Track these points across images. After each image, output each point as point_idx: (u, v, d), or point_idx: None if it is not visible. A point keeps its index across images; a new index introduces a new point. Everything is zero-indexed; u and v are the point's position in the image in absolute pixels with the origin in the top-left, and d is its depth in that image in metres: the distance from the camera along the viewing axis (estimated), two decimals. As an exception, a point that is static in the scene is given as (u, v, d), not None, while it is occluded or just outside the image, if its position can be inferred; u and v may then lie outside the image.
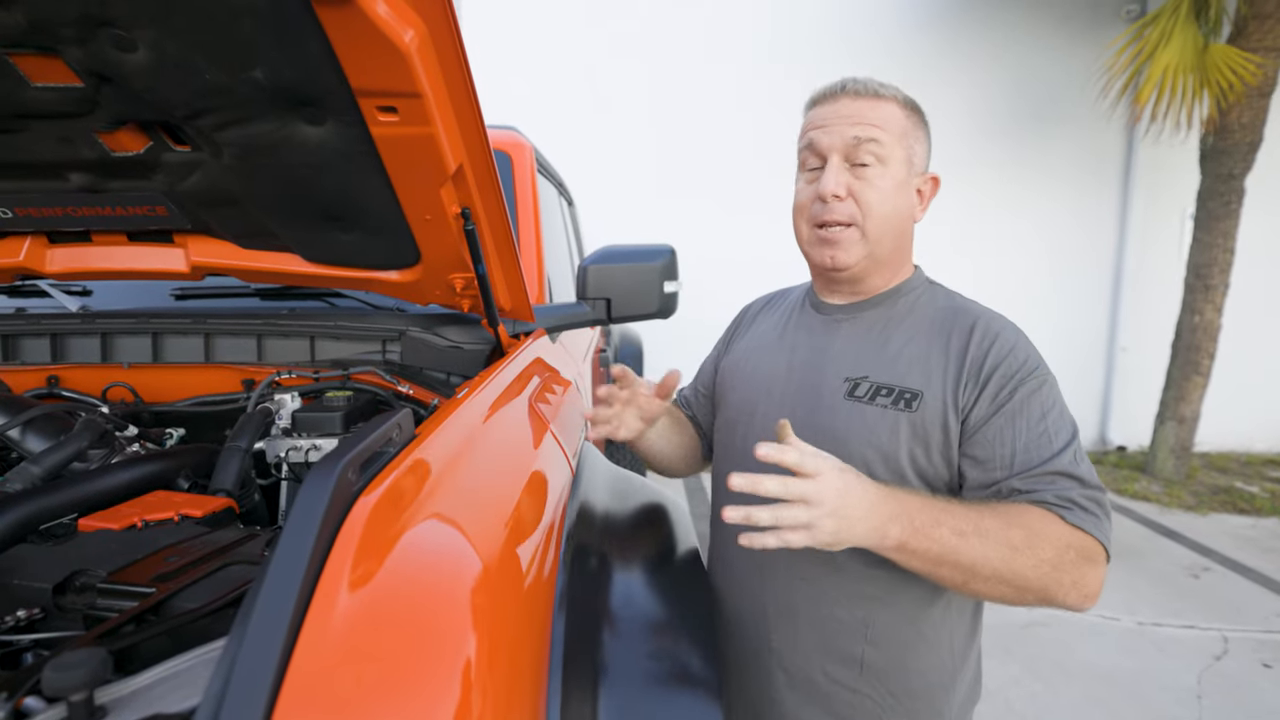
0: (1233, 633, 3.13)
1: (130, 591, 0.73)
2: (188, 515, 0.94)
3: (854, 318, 1.08)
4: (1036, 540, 0.85)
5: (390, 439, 0.69)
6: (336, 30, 0.78)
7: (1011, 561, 0.83)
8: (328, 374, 1.40)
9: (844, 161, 1.01)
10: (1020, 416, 0.94)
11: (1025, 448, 0.93)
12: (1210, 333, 4.98)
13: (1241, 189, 4.81)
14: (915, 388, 0.98)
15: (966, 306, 1.04)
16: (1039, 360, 0.98)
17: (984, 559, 0.83)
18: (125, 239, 1.36)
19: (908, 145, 1.02)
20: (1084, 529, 0.87)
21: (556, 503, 0.91)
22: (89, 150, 1.05)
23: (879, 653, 1.01)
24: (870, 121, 0.99)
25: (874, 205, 1.00)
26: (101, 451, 1.15)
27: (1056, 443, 0.93)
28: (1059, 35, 5.82)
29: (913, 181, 1.04)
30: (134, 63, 0.85)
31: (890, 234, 1.03)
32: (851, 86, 1.03)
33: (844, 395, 1.03)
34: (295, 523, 0.52)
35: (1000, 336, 0.98)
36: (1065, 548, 0.86)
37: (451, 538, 0.64)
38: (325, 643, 0.49)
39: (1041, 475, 0.91)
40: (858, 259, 1.03)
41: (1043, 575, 0.84)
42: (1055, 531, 0.86)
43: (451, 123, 0.97)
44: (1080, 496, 0.90)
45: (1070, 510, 0.89)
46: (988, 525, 0.85)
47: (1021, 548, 0.84)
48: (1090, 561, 0.87)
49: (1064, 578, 0.85)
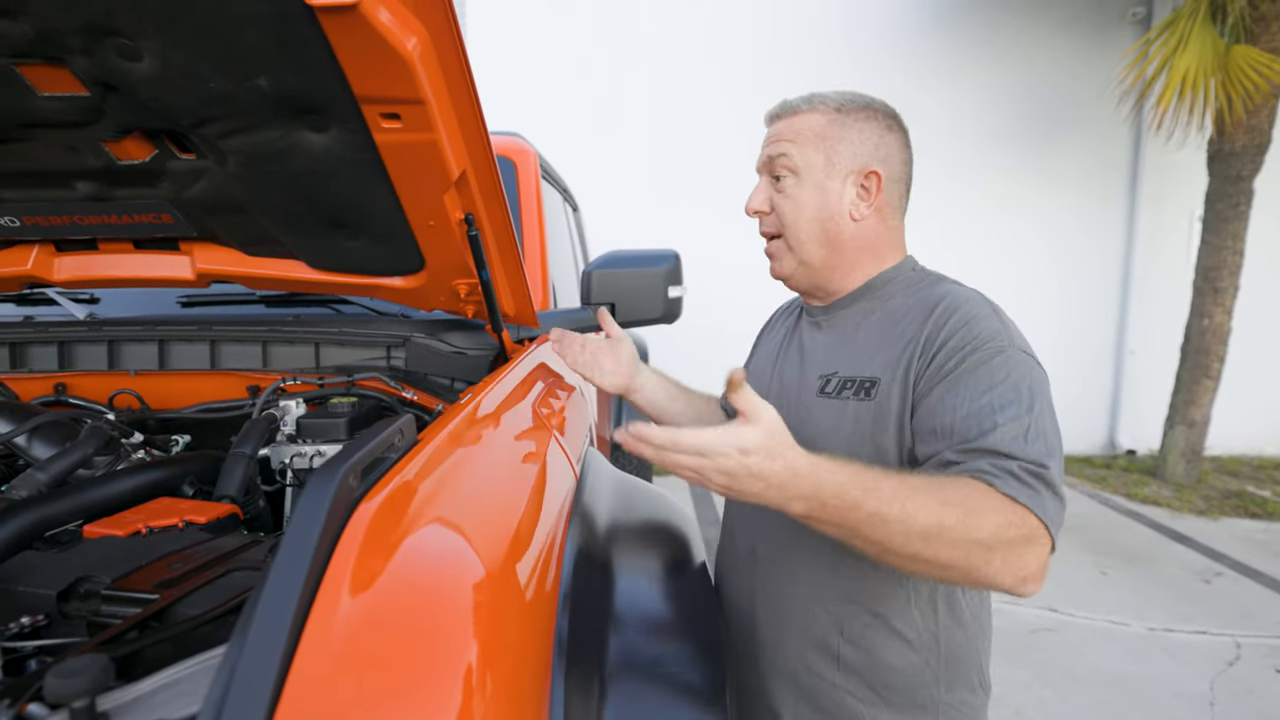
0: (1245, 638, 3.10)
1: (134, 598, 0.73)
2: (192, 522, 0.94)
3: (830, 317, 1.11)
4: (974, 516, 0.79)
5: (392, 445, 0.69)
6: (339, 38, 0.79)
7: (937, 541, 0.78)
8: (332, 380, 1.40)
9: (769, 179, 1.09)
10: (964, 386, 0.90)
11: (966, 418, 0.88)
12: (1220, 335, 4.95)
13: (1250, 191, 4.79)
14: (874, 375, 0.99)
15: (940, 287, 1.02)
16: (1002, 334, 0.93)
17: (904, 540, 0.79)
18: (132, 247, 1.37)
19: (826, 148, 1.04)
20: (1022, 503, 0.82)
21: (560, 508, 0.91)
22: (95, 159, 1.06)
23: (854, 650, 1.02)
24: (782, 137, 1.06)
25: (787, 214, 1.07)
26: (107, 458, 1.15)
27: (1000, 416, 0.87)
28: (1064, 38, 5.81)
29: (839, 180, 1.04)
30: (139, 72, 0.86)
31: (813, 238, 1.06)
32: (775, 111, 1.10)
33: (816, 393, 1.06)
34: (296, 529, 0.51)
35: (960, 310, 0.95)
36: (1005, 524, 0.80)
37: (454, 543, 0.64)
38: (326, 649, 0.48)
39: (981, 450, 0.86)
40: (792, 268, 1.10)
41: (970, 556, 0.79)
42: (996, 507, 0.81)
43: (454, 129, 0.97)
44: (1020, 469, 0.84)
45: (1004, 480, 0.83)
46: (915, 507, 0.79)
47: (954, 528, 0.78)
48: (1028, 541, 0.81)
49: (994, 559, 0.80)
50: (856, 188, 1.05)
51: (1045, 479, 0.85)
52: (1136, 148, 5.93)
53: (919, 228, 1.13)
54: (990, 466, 0.84)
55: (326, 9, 0.72)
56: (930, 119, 5.67)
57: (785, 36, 5.74)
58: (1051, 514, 0.84)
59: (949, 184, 5.84)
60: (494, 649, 0.57)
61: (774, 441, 0.78)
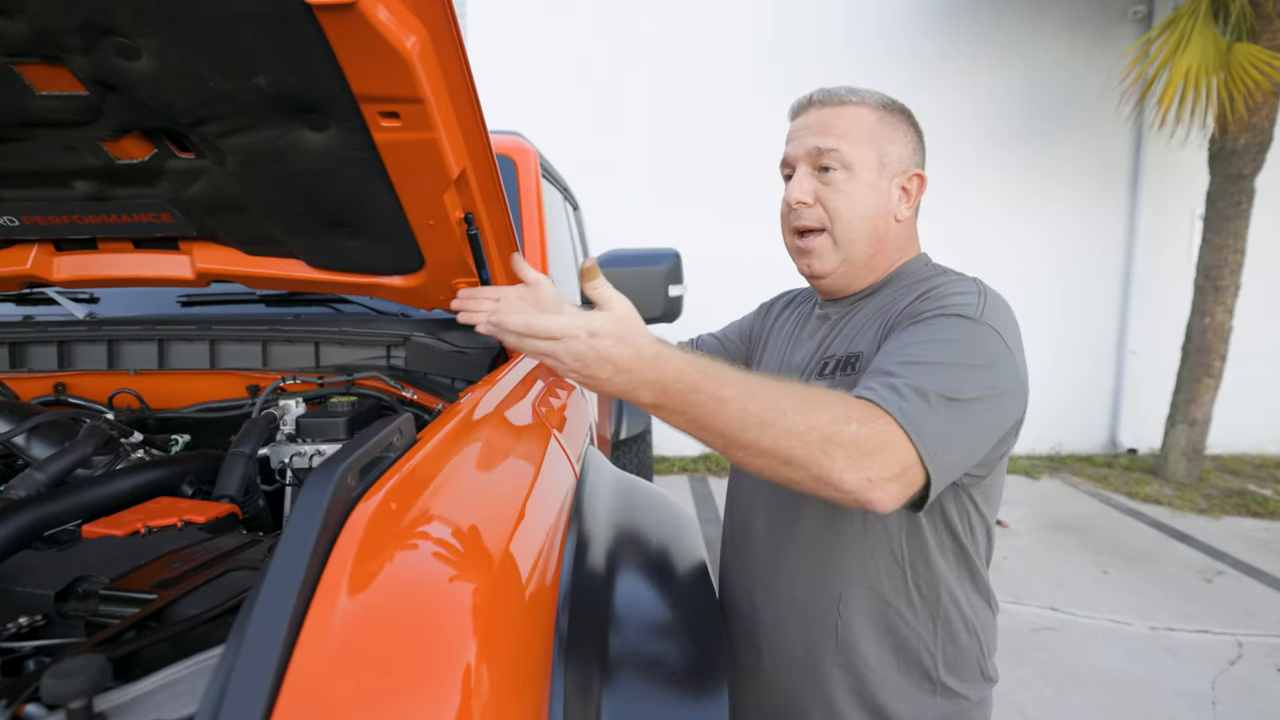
0: (1247, 637, 3.10)
1: (132, 598, 0.73)
2: (191, 521, 0.94)
3: (842, 310, 1.11)
4: (810, 406, 0.77)
5: (391, 444, 0.69)
6: (338, 37, 0.79)
7: (773, 428, 0.76)
8: (332, 380, 1.40)
9: (812, 169, 1.04)
10: (909, 334, 0.90)
11: (886, 354, 0.88)
12: (1221, 334, 4.94)
13: (1251, 189, 4.78)
14: (858, 351, 1.01)
15: (939, 275, 1.03)
16: (974, 305, 0.91)
17: (742, 424, 0.77)
18: (131, 246, 1.37)
19: (878, 146, 1.02)
20: (880, 405, 0.80)
21: (560, 507, 0.90)
22: (94, 158, 1.06)
23: (852, 630, 1.01)
24: (832, 130, 1.02)
25: (841, 210, 1.03)
26: (106, 458, 1.15)
27: (926, 354, 0.85)
28: (1065, 37, 5.80)
29: (887, 181, 1.04)
30: (138, 71, 0.85)
31: (863, 237, 1.04)
32: (818, 98, 1.06)
33: (814, 376, 1.07)
34: (293, 528, 0.51)
35: (945, 285, 0.96)
36: (844, 419, 0.77)
37: (452, 542, 0.64)
38: (324, 649, 0.48)
39: (879, 371, 0.85)
40: (833, 265, 1.06)
41: (808, 445, 0.76)
42: (842, 403, 0.79)
43: (454, 128, 0.97)
44: (901, 385, 0.82)
45: (875, 391, 0.82)
46: (756, 388, 0.79)
47: (788, 411, 0.76)
48: (880, 443, 0.78)
49: (836, 453, 0.76)
50: (899, 189, 1.05)
51: (926, 395, 0.81)
52: (1138, 147, 5.92)
53: (920, 226, 1.12)
54: (873, 383, 0.83)
55: (325, 7, 0.72)
56: (931, 119, 5.61)
57: (785, 36, 5.73)
58: (919, 425, 0.79)
59: (950, 184, 5.83)
60: (493, 648, 0.57)
61: (623, 327, 0.81)
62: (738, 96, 5.71)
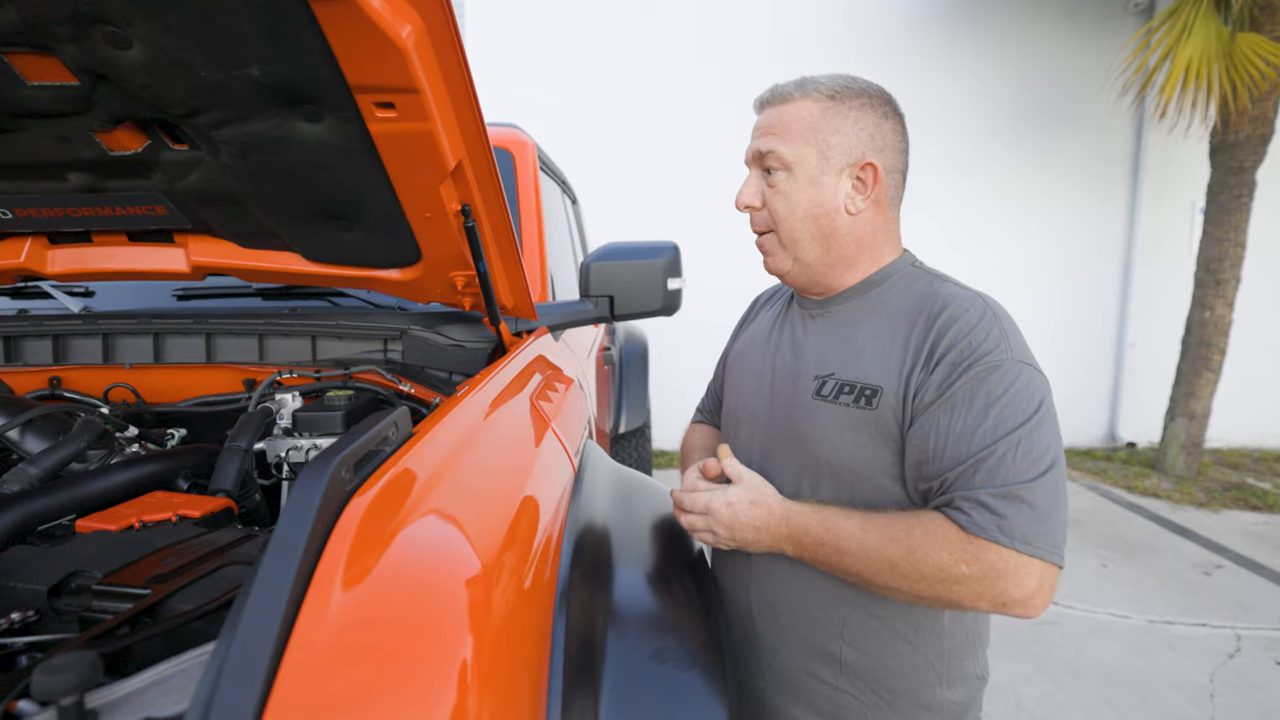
0: (1246, 631, 3.10)
1: (125, 593, 0.73)
2: (186, 516, 0.93)
3: (827, 312, 1.07)
4: (915, 555, 0.83)
5: (386, 438, 0.68)
6: (333, 26, 0.78)
7: (892, 577, 0.85)
8: (329, 373, 1.39)
9: (760, 171, 1.04)
10: (962, 405, 0.88)
11: (958, 439, 0.87)
12: (1221, 328, 4.93)
13: (1253, 182, 4.76)
14: (875, 383, 0.95)
15: (940, 290, 0.98)
16: (1002, 343, 0.90)
17: (869, 571, 0.87)
18: (126, 239, 1.36)
19: (819, 140, 0.99)
20: (980, 537, 0.82)
21: (557, 501, 0.90)
22: (87, 149, 1.05)
23: (856, 652, 1.00)
24: (773, 130, 1.01)
25: (779, 211, 1.02)
26: (100, 452, 1.14)
27: (994, 433, 0.85)
28: (1065, 29, 5.77)
29: (834, 175, 0.99)
30: (129, 60, 0.84)
31: (807, 235, 1.01)
32: (766, 96, 1.05)
33: (812, 394, 1.02)
34: (287, 523, 0.51)
35: (962, 318, 0.92)
36: (952, 562, 0.82)
37: (448, 537, 0.63)
38: (317, 645, 0.48)
39: (965, 471, 0.85)
40: (788, 265, 1.05)
41: (930, 589, 0.84)
42: (942, 544, 0.83)
43: (450, 119, 0.96)
44: (989, 495, 0.83)
45: (969, 514, 0.83)
46: (870, 542, 0.87)
47: (900, 564, 0.84)
48: (1001, 574, 0.81)
49: (957, 590, 0.82)
50: (852, 180, 1.00)
51: (1021, 497, 0.82)
52: (1138, 140, 5.90)
53: (919, 222, 1.11)
54: (961, 499, 0.85)
55: None
56: (930, 113, 5.64)
57: (784, 29, 5.70)
58: (1032, 537, 0.82)
59: (949, 177, 5.82)
60: (489, 645, 0.56)
61: (754, 493, 0.96)
62: (735, 90, 5.66)
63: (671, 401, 5.32)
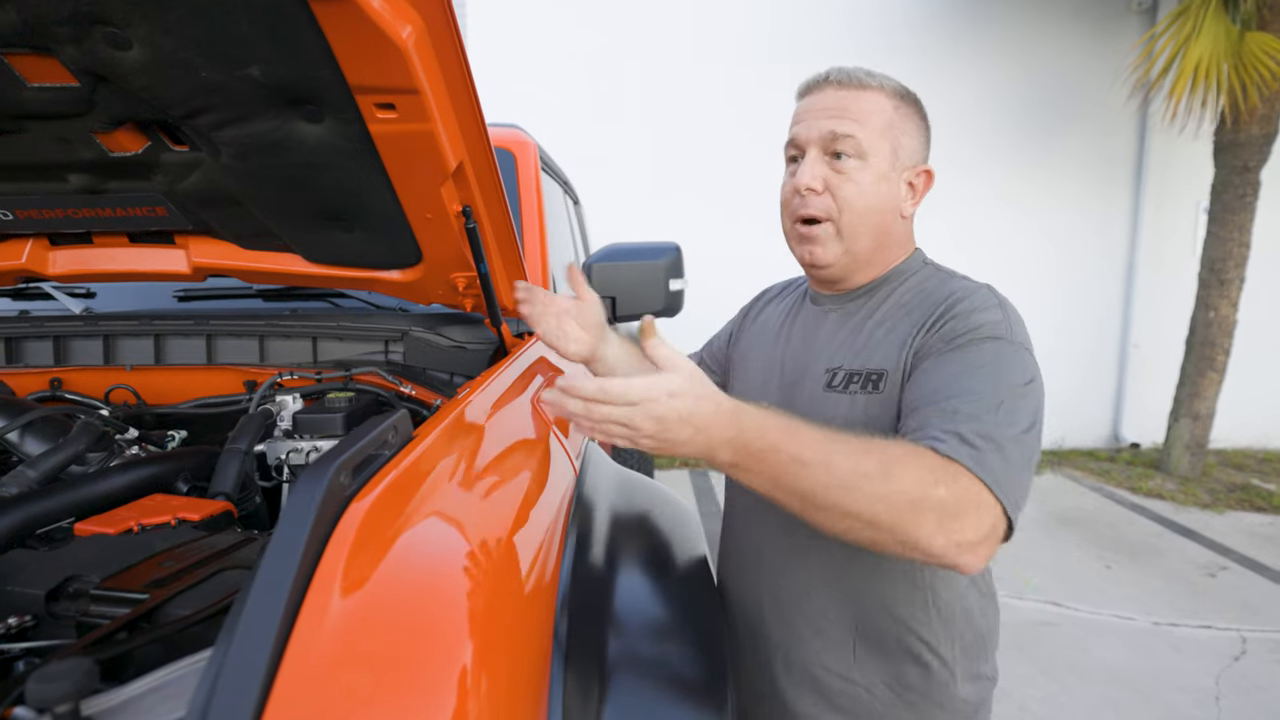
0: (1251, 633, 3.08)
1: (123, 598, 0.72)
2: (185, 519, 0.93)
3: (841, 308, 1.06)
4: (893, 468, 0.75)
5: (386, 441, 0.68)
6: (333, 26, 0.77)
7: (858, 493, 0.74)
8: (330, 375, 1.39)
9: (823, 154, 0.98)
10: (953, 361, 0.87)
11: (936, 387, 0.85)
12: (1225, 328, 4.92)
13: (1257, 181, 4.75)
14: (880, 368, 0.95)
15: (950, 282, 0.99)
16: (1002, 324, 0.89)
17: (825, 487, 0.75)
18: (126, 240, 1.36)
19: (893, 138, 0.97)
20: (960, 461, 0.77)
21: (559, 504, 0.89)
22: (87, 151, 1.05)
23: (873, 651, 0.98)
24: (850, 115, 0.96)
25: (850, 200, 0.97)
26: (100, 454, 1.14)
27: (974, 389, 0.83)
28: (1069, 28, 5.76)
29: (898, 175, 0.99)
30: (129, 61, 0.84)
31: (868, 230, 0.99)
32: (835, 76, 0.99)
33: (823, 387, 1.01)
34: (285, 527, 0.50)
35: (966, 299, 0.92)
36: (932, 482, 0.75)
37: (448, 541, 0.63)
38: (315, 650, 0.47)
39: (938, 412, 0.82)
40: (835, 256, 1.01)
41: (895, 510, 0.74)
42: (922, 463, 0.76)
43: (451, 120, 0.96)
44: (967, 430, 0.79)
45: (946, 443, 0.78)
46: (837, 450, 0.76)
47: (873, 475, 0.74)
48: (968, 505, 0.75)
49: (925, 519, 0.74)
50: (906, 185, 1.00)
51: (996, 441, 0.79)
52: (1141, 139, 5.88)
53: (921, 220, 1.10)
54: (939, 431, 0.80)
55: None
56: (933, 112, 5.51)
57: (785, 26, 5.69)
58: (1000, 478, 0.77)
59: (953, 177, 5.80)
60: (490, 649, 0.56)
61: (698, 386, 0.77)
62: (736, 90, 5.68)
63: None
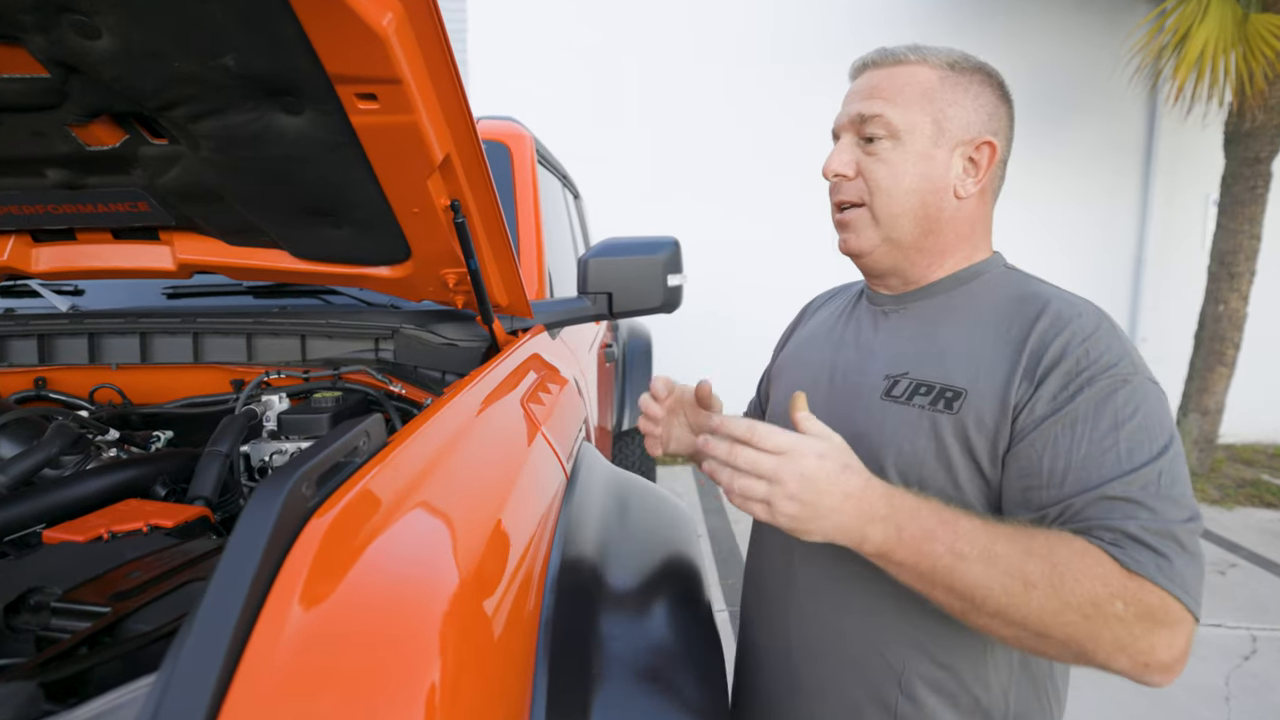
0: (1261, 632, 3.04)
1: (85, 611, 0.69)
2: (158, 526, 0.90)
3: (903, 309, 0.95)
4: (1063, 579, 0.67)
5: (356, 448, 0.64)
6: (310, 14, 0.74)
7: (1023, 601, 0.67)
8: (318, 374, 1.36)
9: (856, 138, 0.92)
10: (1084, 422, 0.75)
11: (1083, 462, 0.74)
12: (1235, 322, 4.85)
13: (1268, 173, 4.68)
14: (958, 385, 0.83)
15: (1040, 291, 0.89)
16: (1126, 356, 0.78)
17: (986, 590, 0.68)
18: (110, 237, 1.33)
19: (935, 109, 0.88)
20: (1142, 574, 0.68)
21: (545, 512, 0.86)
22: (63, 144, 1.02)
23: (914, 706, 0.85)
24: (880, 94, 0.89)
25: (880, 180, 0.89)
26: (76, 457, 1.11)
27: (1129, 460, 0.73)
28: (1074, 19, 5.68)
29: (947, 150, 0.89)
30: (99, 50, 0.81)
31: (908, 213, 0.89)
32: (873, 58, 0.93)
33: (881, 395, 0.90)
34: (236, 547, 0.47)
35: (1074, 322, 0.81)
36: (1107, 596, 0.66)
37: (419, 559, 0.59)
38: (268, 675, 0.44)
39: (1098, 500, 0.72)
40: (872, 244, 0.92)
41: (1068, 626, 0.67)
42: (1097, 573, 0.68)
43: (436, 111, 0.93)
44: (1142, 529, 0.70)
45: (1123, 547, 0.69)
46: (1000, 550, 0.69)
47: (1039, 585, 0.67)
48: (1153, 620, 0.67)
49: (1103, 634, 0.66)
50: (964, 160, 0.90)
51: (1178, 539, 0.70)
52: (1150, 130, 5.81)
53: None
54: (1103, 528, 0.71)
55: None
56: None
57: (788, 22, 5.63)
58: (1189, 584, 0.69)
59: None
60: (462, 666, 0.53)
61: (847, 456, 0.73)
62: (735, 87, 5.62)
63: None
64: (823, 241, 5.28)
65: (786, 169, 5.55)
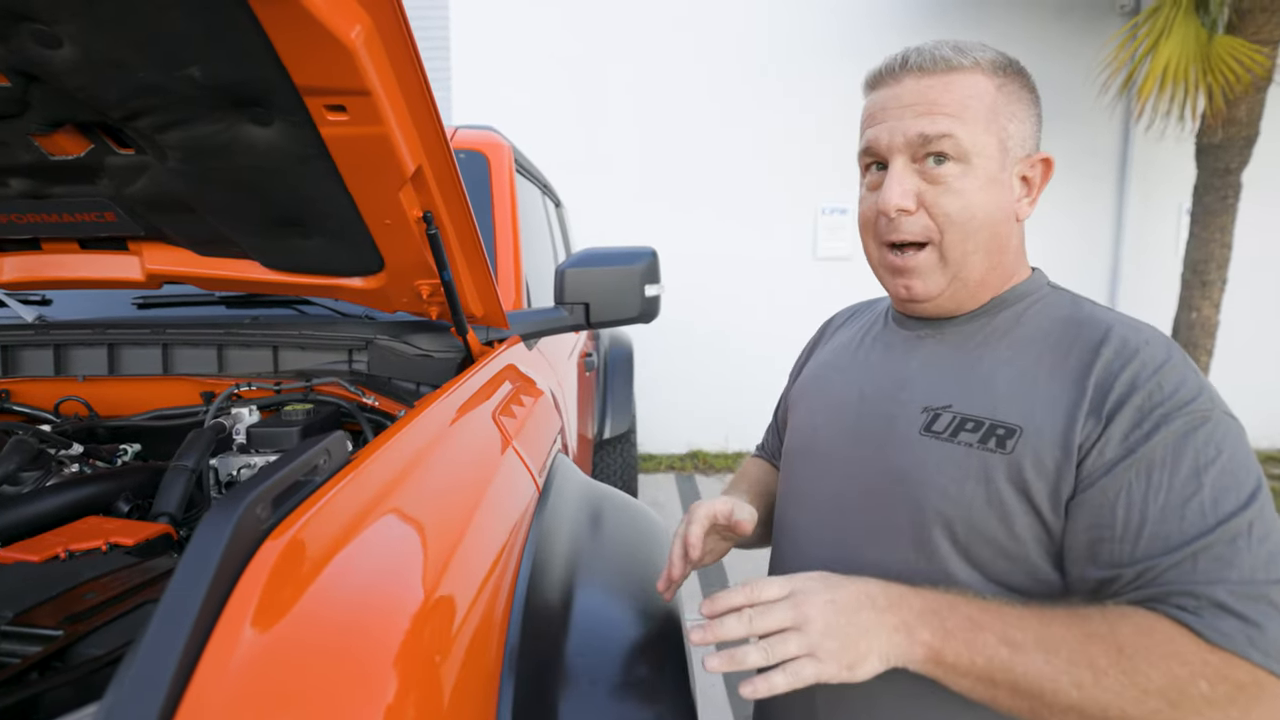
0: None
1: (36, 635, 0.67)
2: (118, 544, 0.87)
3: (940, 333, 0.84)
4: (1134, 662, 0.60)
5: (316, 467, 0.63)
6: (274, 25, 0.74)
7: (1097, 692, 0.59)
8: (290, 386, 1.34)
9: (911, 163, 0.78)
10: (1161, 467, 0.66)
11: (1162, 514, 0.65)
12: (1208, 330, 4.93)
13: (1238, 184, 4.76)
14: (1012, 422, 0.73)
15: (1096, 315, 0.78)
16: (1203, 390, 0.70)
17: (1054, 683, 0.60)
18: (77, 247, 1.31)
19: (999, 127, 0.77)
20: (1227, 649, 0.60)
21: (515, 526, 0.85)
22: (26, 154, 1.01)
23: None
24: (943, 108, 0.76)
25: (954, 216, 0.77)
26: (35, 473, 1.08)
27: (1214, 512, 0.64)
28: (1054, 29, 5.77)
29: (1010, 172, 0.79)
30: (61, 60, 0.80)
31: (980, 249, 0.78)
32: (915, 61, 0.78)
33: (920, 429, 0.79)
34: (186, 571, 0.46)
35: (1143, 351, 0.71)
36: (1188, 677, 0.59)
37: (380, 576, 0.58)
38: (214, 703, 0.43)
39: (1181, 561, 0.63)
40: (940, 288, 0.80)
41: (1145, 712, 0.59)
42: (1169, 650, 0.60)
43: (406, 122, 0.93)
44: (1230, 595, 0.61)
45: (1203, 616, 0.61)
46: (1056, 634, 0.61)
47: (1110, 671, 0.59)
48: (1244, 700, 0.59)
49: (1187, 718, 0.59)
50: (1020, 180, 0.81)
51: (1274, 602, 0.61)
52: (1125, 141, 5.90)
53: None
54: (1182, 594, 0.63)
55: None
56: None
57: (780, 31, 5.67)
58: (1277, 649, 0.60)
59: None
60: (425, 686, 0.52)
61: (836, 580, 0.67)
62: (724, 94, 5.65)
63: (657, 405, 5.28)
64: (809, 252, 5.31)
65: (774, 179, 5.58)
